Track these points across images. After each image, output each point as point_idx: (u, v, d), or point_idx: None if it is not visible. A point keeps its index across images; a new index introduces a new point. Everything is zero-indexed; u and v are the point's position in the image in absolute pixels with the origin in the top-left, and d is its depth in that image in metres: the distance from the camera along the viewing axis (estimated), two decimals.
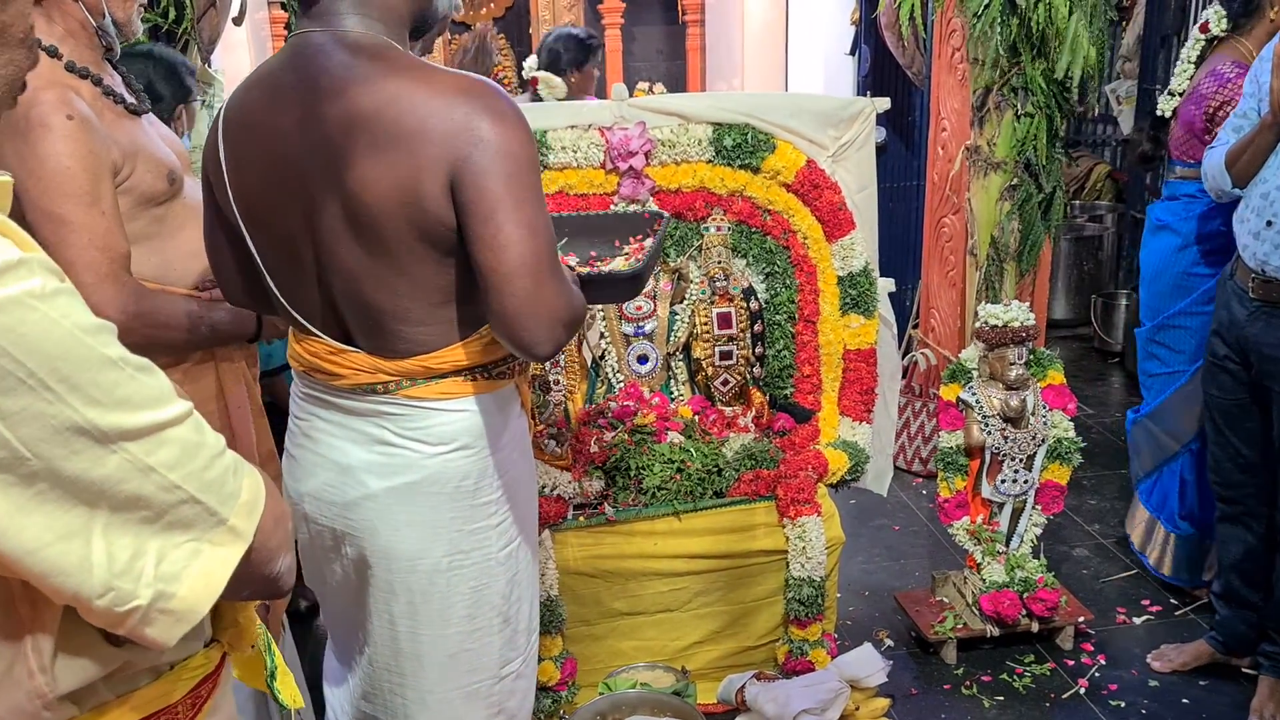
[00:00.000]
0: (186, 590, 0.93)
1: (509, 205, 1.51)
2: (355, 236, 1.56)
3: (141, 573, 0.89)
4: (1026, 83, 3.47)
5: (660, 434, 2.85)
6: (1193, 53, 3.25)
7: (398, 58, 1.57)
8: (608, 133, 2.86)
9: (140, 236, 1.96)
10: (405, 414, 1.68)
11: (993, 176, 3.58)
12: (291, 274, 1.68)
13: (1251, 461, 2.77)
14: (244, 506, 0.97)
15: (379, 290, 1.60)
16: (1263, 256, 2.54)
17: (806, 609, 2.78)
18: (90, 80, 1.91)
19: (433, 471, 1.69)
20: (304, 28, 1.61)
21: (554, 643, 2.73)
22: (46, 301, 0.81)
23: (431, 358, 1.65)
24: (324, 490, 1.75)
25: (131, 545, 0.89)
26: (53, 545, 0.84)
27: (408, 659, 1.78)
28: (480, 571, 1.76)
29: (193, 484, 0.91)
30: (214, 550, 0.95)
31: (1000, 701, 2.92)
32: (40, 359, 0.80)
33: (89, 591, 0.87)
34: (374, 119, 1.51)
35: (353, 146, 1.52)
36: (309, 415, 1.78)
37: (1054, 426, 3.08)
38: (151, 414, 0.88)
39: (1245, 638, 2.89)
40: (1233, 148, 2.63)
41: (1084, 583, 3.50)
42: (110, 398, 0.85)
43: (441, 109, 1.50)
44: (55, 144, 1.78)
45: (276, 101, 1.60)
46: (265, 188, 1.63)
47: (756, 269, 3.05)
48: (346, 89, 1.53)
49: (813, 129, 2.95)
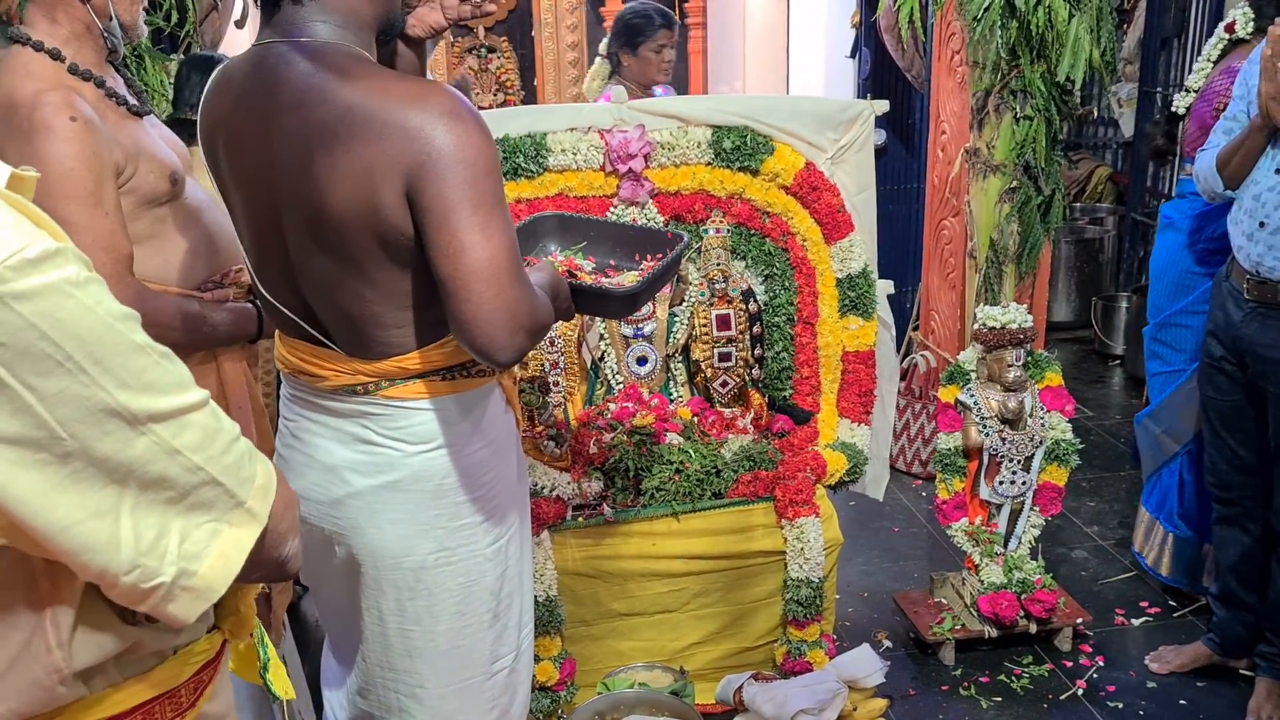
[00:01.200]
0: (207, 569, 0.96)
1: (465, 211, 1.49)
2: (320, 247, 1.58)
3: (166, 551, 0.93)
4: (1026, 85, 3.48)
5: (659, 435, 2.86)
6: (1214, 52, 3.24)
7: (357, 67, 1.56)
8: (607, 135, 2.87)
9: (142, 237, 1.98)
10: (385, 414, 1.70)
11: (992, 179, 3.60)
12: (273, 275, 1.71)
13: (1248, 463, 2.78)
14: (259, 490, 1.01)
15: (348, 297, 1.62)
16: (1256, 258, 2.55)
17: (805, 610, 2.79)
18: (93, 82, 1.93)
19: (415, 470, 1.72)
20: (266, 38, 1.61)
21: (553, 643, 2.74)
22: (81, 289, 0.85)
23: (405, 359, 1.68)
24: (312, 489, 1.77)
25: (157, 524, 0.92)
26: (84, 523, 0.88)
27: (399, 655, 1.80)
28: (468, 568, 1.78)
29: (214, 466, 0.95)
30: (232, 531, 0.98)
31: (998, 703, 2.93)
32: (77, 343, 0.84)
33: (116, 568, 0.90)
34: (330, 131, 1.51)
35: (311, 159, 1.52)
36: (296, 416, 1.81)
37: (1052, 428, 3.08)
38: (176, 398, 0.92)
39: (1242, 639, 2.90)
40: (1223, 150, 2.64)
41: (1082, 584, 3.50)
42: (139, 381, 0.88)
43: (395, 118, 1.49)
44: (58, 146, 1.79)
45: (240, 111, 1.62)
46: (239, 191, 1.67)
47: (755, 271, 3.06)
48: (304, 101, 1.53)
49: (811, 131, 2.96)
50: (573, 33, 6.83)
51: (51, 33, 1.88)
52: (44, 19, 1.88)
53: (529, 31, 7.04)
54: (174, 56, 3.08)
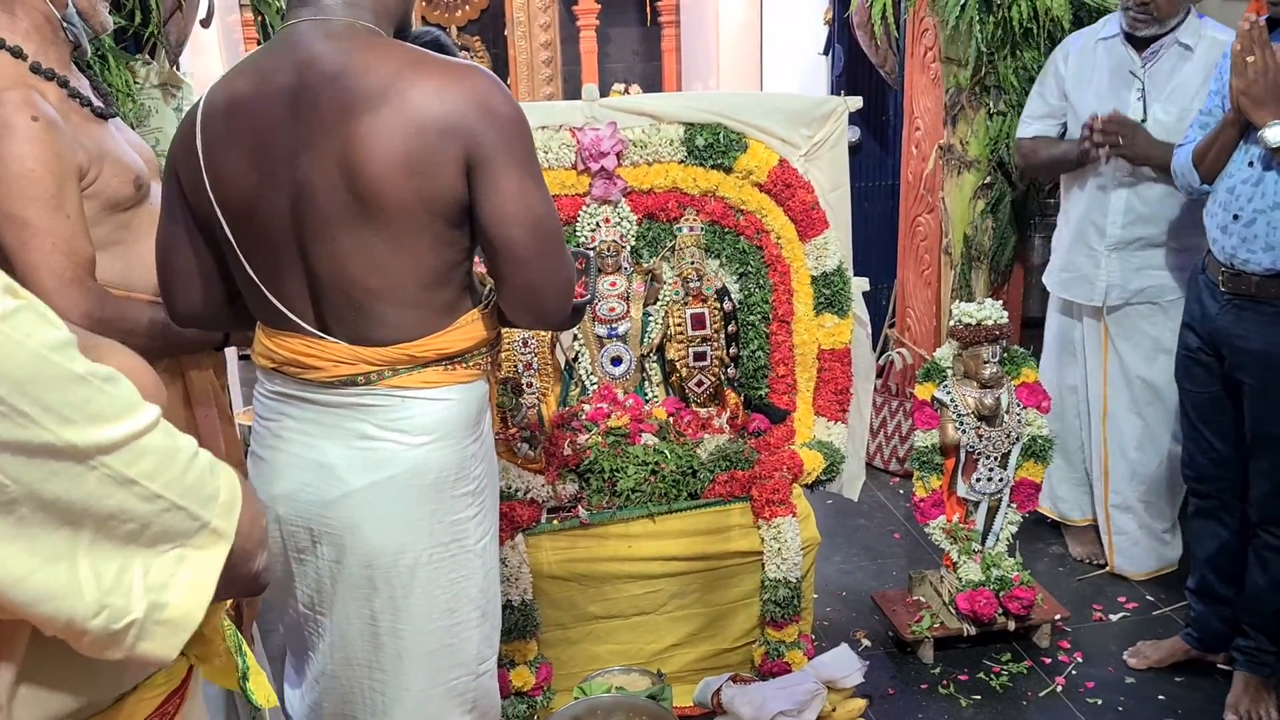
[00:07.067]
0: (179, 598, 0.91)
1: (530, 183, 1.61)
2: (355, 213, 1.58)
3: (131, 586, 0.87)
4: (999, 81, 3.49)
5: (634, 436, 2.84)
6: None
7: (393, 46, 1.63)
8: (579, 133, 2.85)
9: (106, 242, 1.94)
10: (386, 405, 1.69)
11: (966, 175, 3.60)
12: (270, 264, 1.68)
13: (1224, 455, 2.78)
14: (223, 506, 0.96)
15: (370, 270, 1.62)
16: (1231, 250, 2.55)
17: (783, 610, 2.78)
18: (56, 82, 1.89)
19: (413, 464, 1.70)
20: (295, 18, 1.64)
21: (529, 647, 2.71)
22: (7, 322, 0.78)
23: (414, 345, 1.68)
24: (301, 491, 1.74)
25: (119, 560, 0.87)
26: (38, 571, 0.82)
27: (389, 656, 1.78)
28: (459, 564, 1.78)
29: (174, 491, 0.89)
30: (199, 554, 0.93)
31: (977, 700, 2.92)
32: (9, 384, 0.77)
33: (83, 613, 0.85)
34: (378, 95, 1.54)
35: (356, 122, 1.54)
36: (277, 415, 1.77)
37: (1028, 424, 3.08)
38: (126, 425, 0.86)
39: (1220, 634, 2.90)
40: (1199, 144, 2.66)
41: (1060, 580, 3.50)
42: (83, 414, 0.82)
43: (452, 86, 1.56)
44: (19, 145, 1.76)
45: (264, 87, 1.62)
46: (248, 172, 1.63)
47: (730, 269, 3.05)
48: (344, 72, 1.57)
49: (785, 128, 2.95)
50: (545, 31, 6.80)
51: (11, 27, 1.84)
52: (3, 13, 1.84)
53: (502, 31, 7.01)
54: (139, 57, 3.04)
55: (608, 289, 2.95)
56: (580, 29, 6.89)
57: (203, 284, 1.80)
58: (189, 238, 1.76)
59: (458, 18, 7.39)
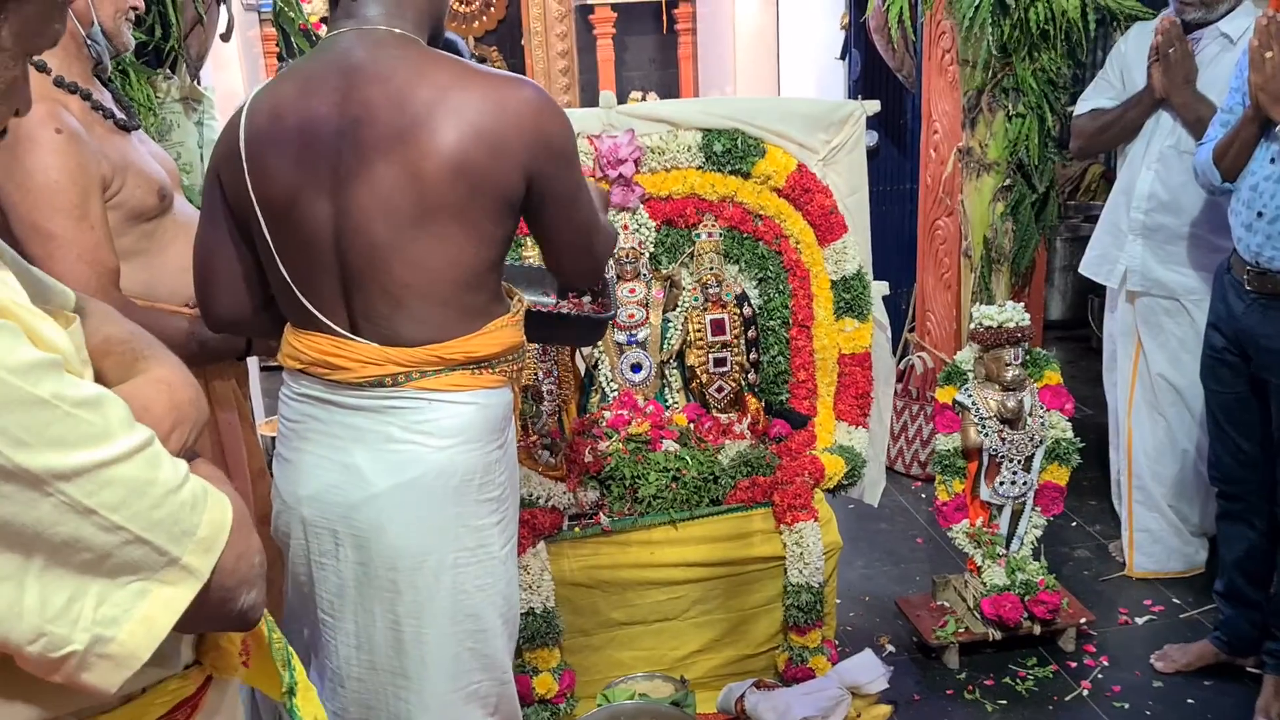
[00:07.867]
0: (126, 634, 0.89)
1: (579, 189, 1.75)
2: (404, 212, 1.62)
3: (79, 616, 0.86)
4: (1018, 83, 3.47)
5: (655, 442, 2.84)
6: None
7: (438, 53, 1.69)
8: (596, 140, 2.85)
9: (129, 252, 1.96)
10: (412, 408, 1.70)
11: (985, 178, 3.58)
12: (305, 263, 1.69)
13: (1252, 456, 2.76)
14: (200, 543, 0.93)
15: (410, 267, 1.64)
16: (1256, 248, 2.53)
17: (805, 615, 2.76)
18: (79, 95, 1.91)
19: (438, 467, 1.71)
20: (338, 28, 1.69)
21: (551, 654, 2.71)
22: None
23: (443, 347, 1.69)
24: (326, 492, 1.74)
25: (69, 588, 0.86)
26: None
27: (412, 661, 1.78)
28: (484, 570, 1.78)
29: (138, 524, 0.87)
30: (163, 590, 0.91)
31: (1003, 705, 2.90)
32: None
33: (19, 637, 0.84)
34: (437, 104, 1.60)
35: (414, 128, 1.59)
36: (304, 417, 1.77)
37: (1052, 427, 3.06)
38: (89, 453, 0.84)
39: (1249, 637, 2.87)
40: (1220, 142, 2.64)
41: (1085, 584, 3.48)
42: (40, 439, 0.81)
43: (511, 97, 1.63)
44: (43, 157, 1.77)
45: (309, 88, 1.65)
46: (289, 172, 1.65)
47: (749, 275, 3.04)
48: (395, 74, 1.62)
49: (802, 133, 2.94)
50: (562, 41, 6.82)
51: None
52: None
53: (519, 40, 7.04)
54: (160, 71, 3.05)
55: (627, 295, 2.95)
56: (597, 38, 6.91)
57: (240, 288, 1.81)
58: (230, 241, 1.77)
59: (475, 28, 7.43)
